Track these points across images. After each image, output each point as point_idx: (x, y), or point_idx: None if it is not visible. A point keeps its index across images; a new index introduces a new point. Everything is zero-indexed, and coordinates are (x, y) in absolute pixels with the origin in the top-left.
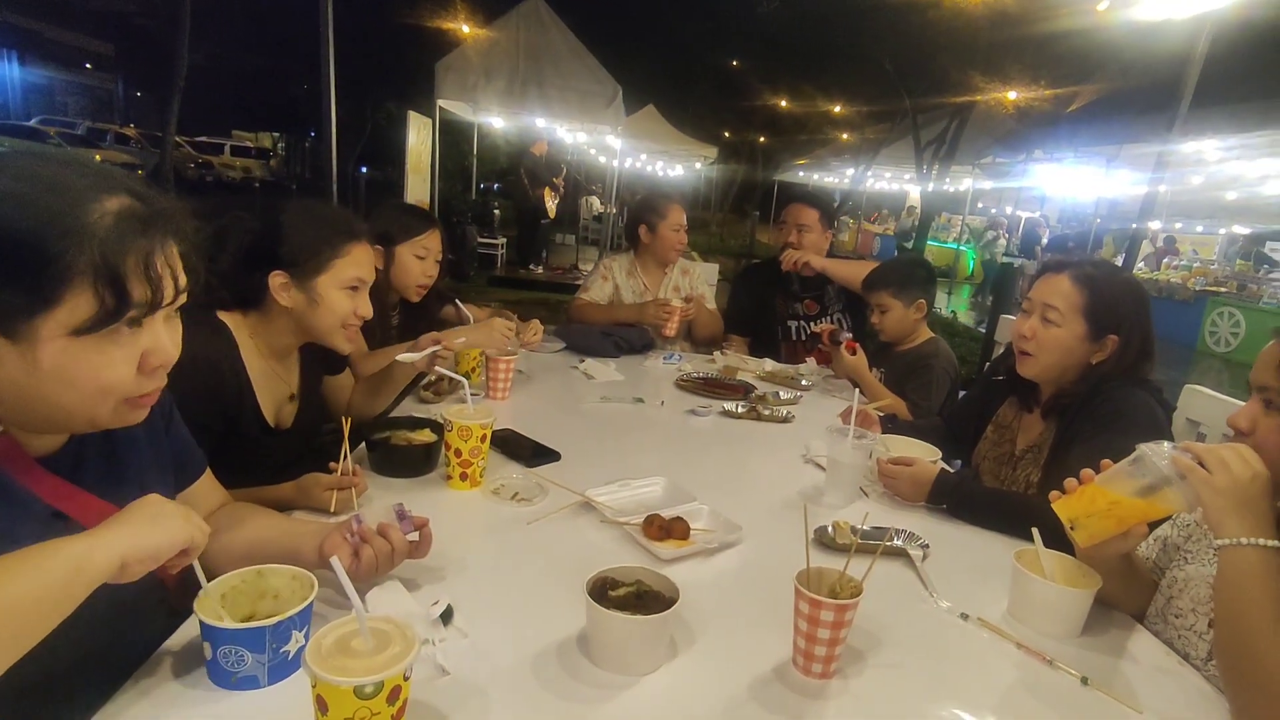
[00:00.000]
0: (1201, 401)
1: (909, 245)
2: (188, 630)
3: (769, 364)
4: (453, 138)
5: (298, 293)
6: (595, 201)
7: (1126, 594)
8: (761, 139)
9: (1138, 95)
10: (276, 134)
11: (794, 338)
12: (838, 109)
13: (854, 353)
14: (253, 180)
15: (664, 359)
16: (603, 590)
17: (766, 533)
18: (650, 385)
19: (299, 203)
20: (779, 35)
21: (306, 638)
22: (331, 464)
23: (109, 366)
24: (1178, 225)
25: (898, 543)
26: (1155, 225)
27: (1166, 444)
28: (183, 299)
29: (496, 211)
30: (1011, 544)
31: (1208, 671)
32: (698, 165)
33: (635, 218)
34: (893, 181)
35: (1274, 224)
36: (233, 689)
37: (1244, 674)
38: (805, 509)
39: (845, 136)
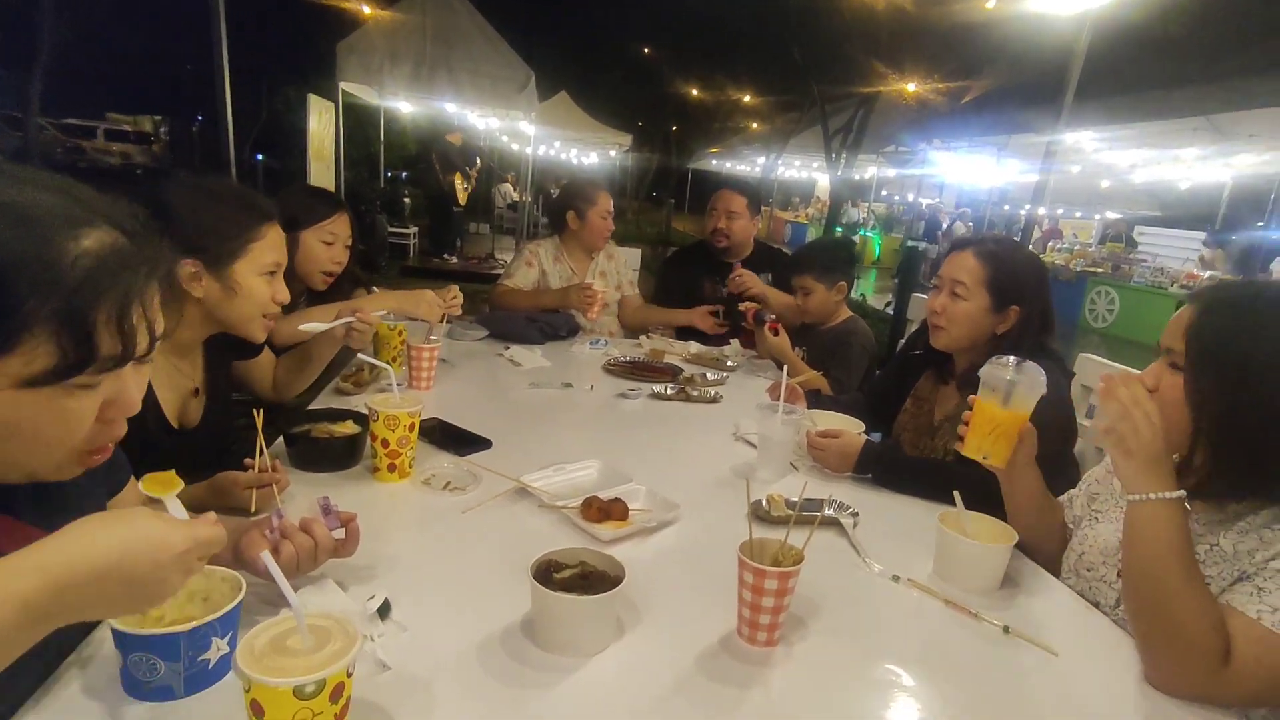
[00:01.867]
0: (1093, 368)
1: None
2: (103, 635)
3: (694, 346)
4: (358, 123)
5: (212, 282)
6: (509, 189)
7: (1044, 527)
8: (675, 127)
9: (1024, 89)
10: (159, 117)
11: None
12: (748, 98)
13: (777, 333)
14: (134, 167)
15: (590, 344)
16: (547, 573)
17: (703, 509)
18: (578, 370)
19: (188, 180)
20: (689, 24)
21: (231, 645)
22: (247, 460)
23: (60, 421)
24: (1060, 211)
25: (829, 512)
26: (1041, 211)
27: (1009, 358)
28: (155, 349)
29: (407, 200)
30: (933, 508)
31: (1115, 615)
32: (612, 153)
33: (563, 203)
34: (802, 170)
35: (1141, 210)
36: (145, 699)
37: (1151, 619)
38: (747, 483)
39: (756, 125)
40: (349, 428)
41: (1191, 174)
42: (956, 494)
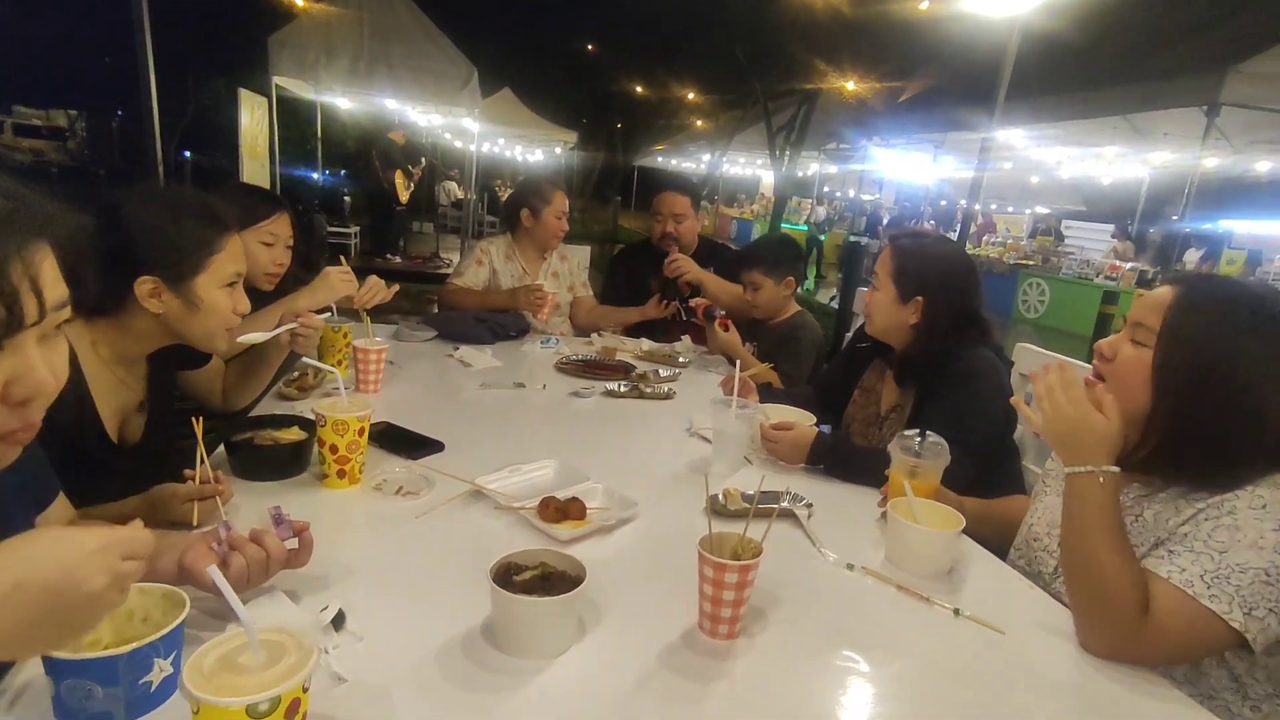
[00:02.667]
0: (1030, 357)
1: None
2: (32, 662)
3: (646, 343)
4: (293, 118)
5: (173, 298)
6: (453, 187)
7: (992, 531)
8: (620, 124)
9: (958, 88)
10: (73, 112)
11: (669, 318)
12: (692, 95)
13: (727, 329)
14: (47, 164)
15: (541, 343)
16: (507, 576)
17: (661, 505)
18: (530, 370)
19: (143, 191)
20: (633, 21)
21: (175, 665)
22: (187, 471)
23: None
24: (993, 206)
25: (785, 504)
26: (976, 206)
27: (914, 434)
28: (63, 315)
29: (347, 198)
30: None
31: (1055, 587)
32: (558, 150)
33: (518, 201)
34: (746, 167)
35: (1068, 205)
36: None
37: (1080, 580)
38: (706, 478)
39: (700, 123)
40: (294, 434)
41: (1112, 170)
42: (906, 484)
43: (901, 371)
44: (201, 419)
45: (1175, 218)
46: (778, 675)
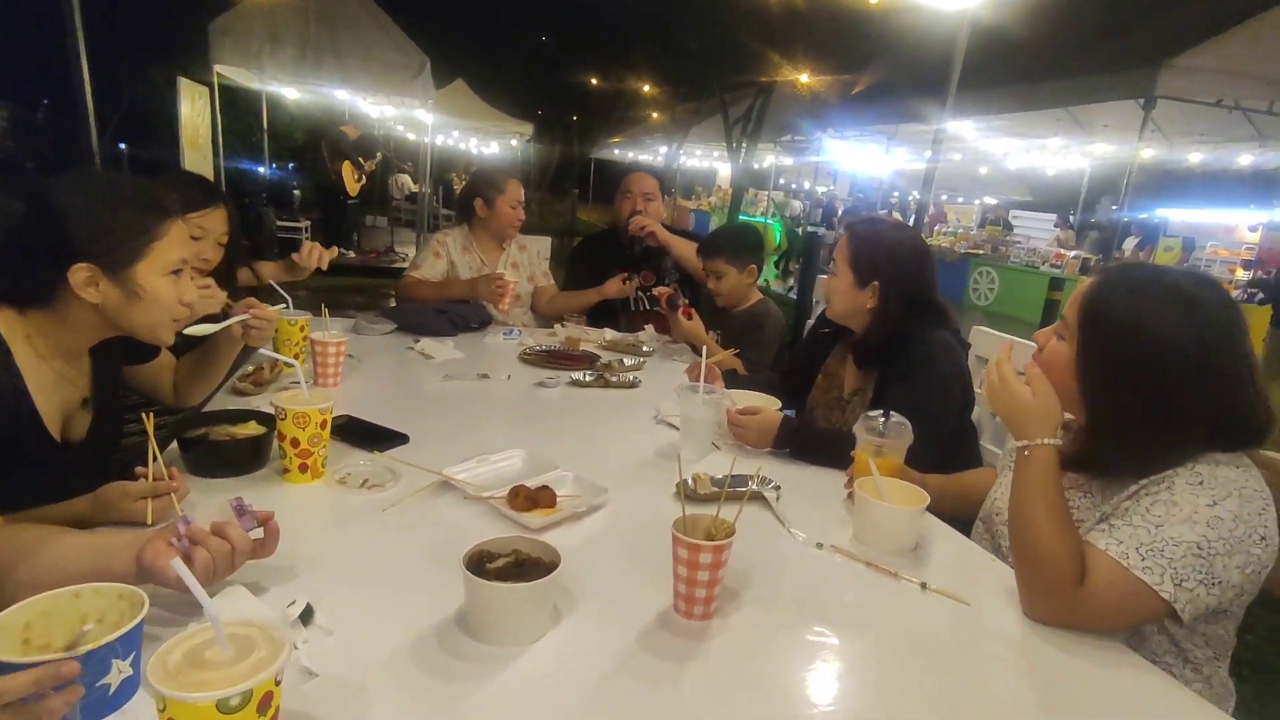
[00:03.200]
0: (986, 340)
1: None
2: None
3: (609, 333)
4: (238, 109)
5: (111, 286)
6: (407, 180)
7: (956, 508)
8: (576, 116)
9: (908, 81)
10: None
11: (633, 306)
12: (648, 88)
13: (690, 318)
14: None
15: (504, 334)
16: (480, 563)
17: (631, 491)
18: (493, 361)
19: (79, 179)
20: (587, 12)
21: (135, 666)
22: (139, 469)
23: None
24: (943, 196)
25: (754, 486)
26: (918, 195)
27: (878, 415)
28: None
29: (296, 192)
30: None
31: (1006, 565)
32: (514, 142)
33: (471, 191)
34: (703, 159)
35: (1015, 195)
36: None
37: (1022, 548)
38: (679, 460)
39: (657, 115)
40: (252, 428)
41: (1056, 161)
42: (872, 463)
43: (861, 355)
44: (152, 415)
45: (1115, 207)
46: (753, 653)
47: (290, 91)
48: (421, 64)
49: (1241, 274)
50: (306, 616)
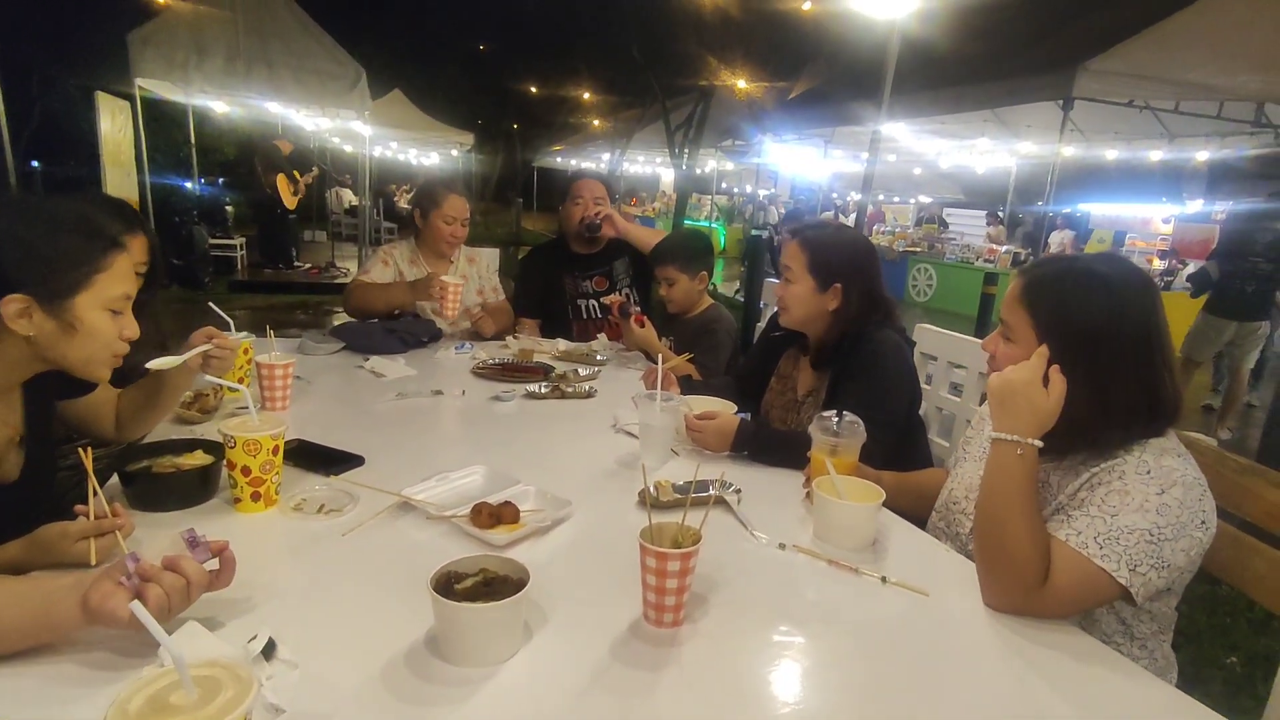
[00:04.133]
0: (929, 336)
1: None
2: None
3: (562, 344)
4: (162, 124)
5: (45, 319)
6: (347, 193)
7: (912, 505)
8: (516, 125)
9: (843, 85)
10: None
11: (584, 315)
12: (588, 95)
13: (643, 325)
14: None
15: (455, 349)
16: (448, 585)
17: (594, 502)
18: (446, 376)
19: (17, 204)
20: (524, 19)
21: None
22: (79, 507)
23: None
24: (880, 197)
25: (714, 491)
26: (856, 196)
27: (831, 415)
28: None
29: (229, 208)
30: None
31: (970, 548)
32: (454, 152)
33: (414, 202)
34: (645, 165)
35: (947, 193)
36: None
37: (991, 545)
38: (644, 469)
39: (598, 122)
40: (199, 458)
41: (985, 160)
42: (828, 462)
43: (820, 356)
44: (90, 449)
45: (1041, 203)
46: (723, 657)
47: (219, 104)
48: (357, 74)
49: (1158, 263)
50: (269, 651)
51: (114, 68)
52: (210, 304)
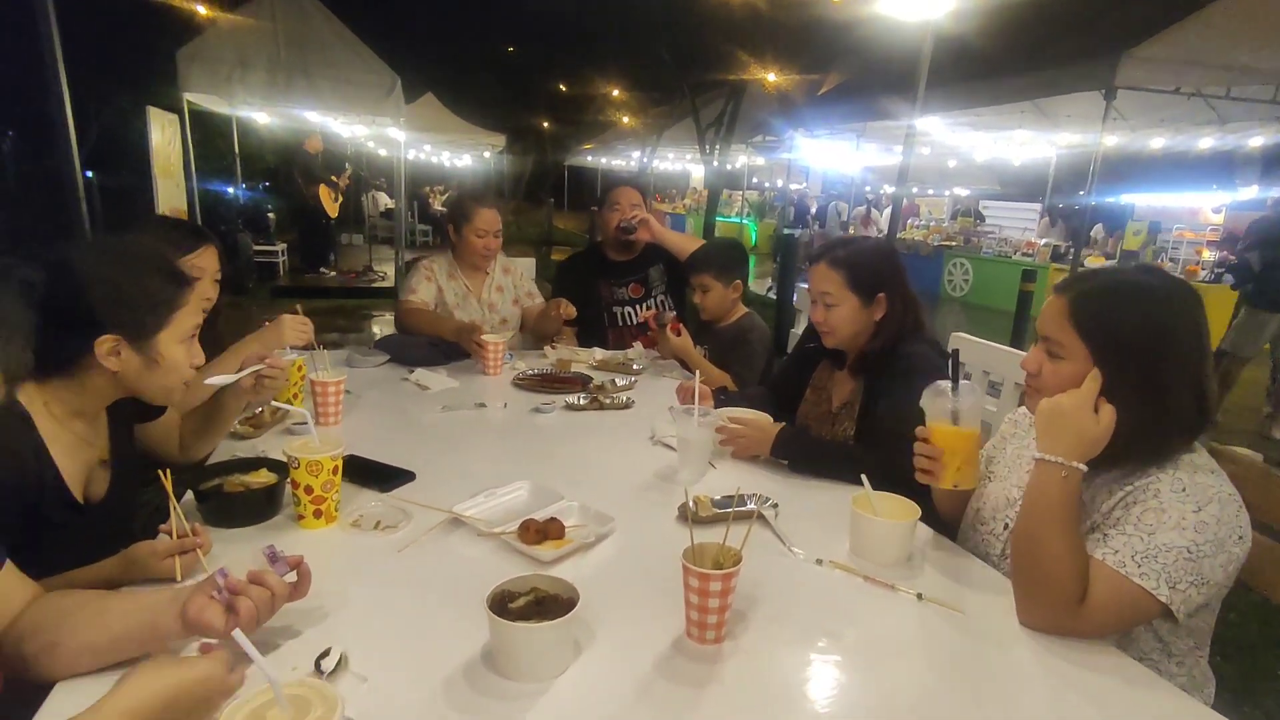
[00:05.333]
0: (966, 346)
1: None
2: None
3: (599, 353)
4: (207, 135)
5: (133, 355)
6: (383, 197)
7: (957, 505)
8: (546, 124)
9: (876, 80)
10: None
11: (620, 323)
12: (618, 93)
13: (679, 334)
14: None
15: None
16: (502, 604)
17: (635, 517)
18: (488, 388)
19: (100, 246)
20: (554, 22)
21: None
22: (163, 528)
23: None
24: (914, 189)
25: (752, 505)
26: (888, 189)
27: (934, 384)
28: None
29: (271, 215)
30: (841, 492)
31: (1003, 567)
32: (486, 154)
33: (447, 218)
34: (675, 162)
35: (984, 185)
36: None
37: (1031, 567)
38: (686, 493)
39: (628, 120)
40: (264, 476)
41: (1023, 152)
42: (864, 478)
43: (860, 364)
44: (169, 472)
45: (1083, 193)
46: (764, 674)
47: (261, 115)
48: (392, 82)
49: (1208, 255)
50: (341, 665)
51: (164, 83)
52: (267, 321)
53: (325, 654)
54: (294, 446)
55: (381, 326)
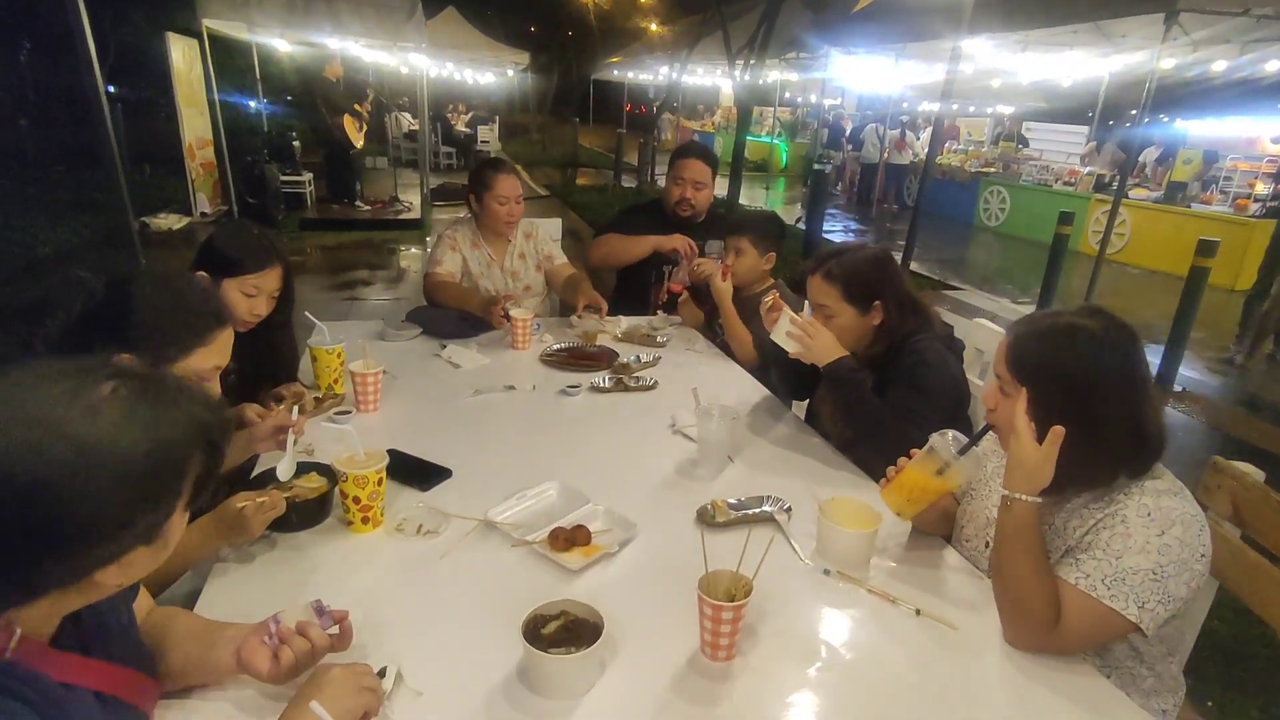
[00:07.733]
0: (985, 334)
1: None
2: None
3: (625, 322)
4: (229, 61)
5: None
6: (405, 118)
7: (939, 525)
8: (570, 33)
9: None
10: None
11: (665, 280)
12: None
13: (725, 278)
14: None
15: None
16: (535, 630)
17: (656, 519)
18: (518, 367)
19: (155, 274)
20: None
21: None
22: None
23: None
24: (954, 107)
25: (767, 509)
26: (927, 107)
27: (950, 432)
28: None
29: (296, 144)
30: (850, 490)
31: (989, 580)
32: (509, 72)
33: (468, 188)
34: (705, 77)
35: (1029, 103)
36: None
37: (1006, 593)
38: (701, 527)
39: (656, 27)
40: (316, 482)
41: (1073, 72)
42: (910, 453)
43: (869, 363)
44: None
45: (1134, 113)
46: (768, 692)
47: (281, 43)
48: (414, 4)
49: (1261, 188)
50: (399, 680)
51: (181, 7)
52: (306, 313)
53: (382, 673)
54: (341, 461)
55: (409, 261)
